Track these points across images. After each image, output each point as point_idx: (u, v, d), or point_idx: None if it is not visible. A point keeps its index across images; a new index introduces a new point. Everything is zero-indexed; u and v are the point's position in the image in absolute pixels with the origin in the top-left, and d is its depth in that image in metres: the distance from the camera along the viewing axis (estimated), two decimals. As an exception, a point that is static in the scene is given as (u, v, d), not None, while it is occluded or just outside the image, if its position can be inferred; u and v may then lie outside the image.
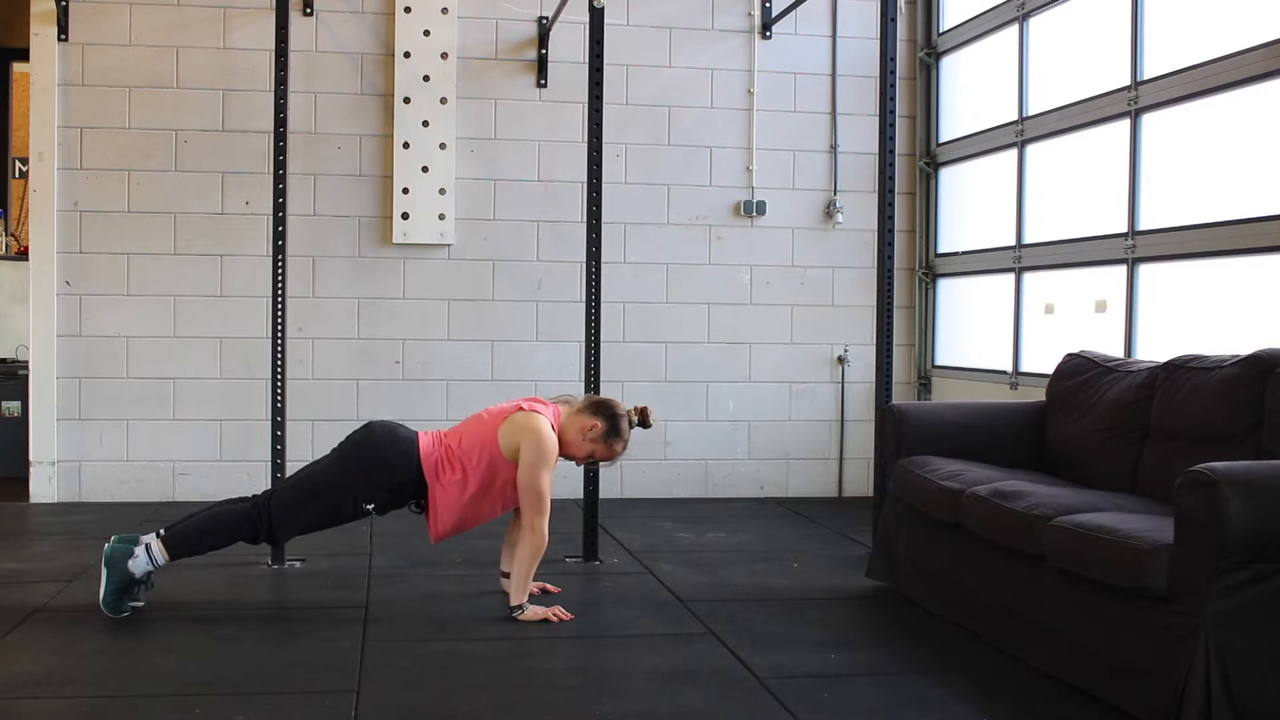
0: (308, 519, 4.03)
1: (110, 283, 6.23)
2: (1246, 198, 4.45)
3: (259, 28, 6.19)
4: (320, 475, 4.03)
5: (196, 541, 3.98)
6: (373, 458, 3.98)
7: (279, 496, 4.02)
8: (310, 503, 4.00)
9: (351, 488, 3.96)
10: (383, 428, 4.07)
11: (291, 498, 4.01)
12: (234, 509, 4.01)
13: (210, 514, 4.04)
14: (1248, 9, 4.48)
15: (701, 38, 6.67)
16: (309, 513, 4.01)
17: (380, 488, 3.97)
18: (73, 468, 6.23)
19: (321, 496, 3.99)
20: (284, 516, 3.97)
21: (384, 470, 3.96)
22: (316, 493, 4.00)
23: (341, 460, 4.02)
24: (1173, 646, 2.93)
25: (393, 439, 4.02)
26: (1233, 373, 3.69)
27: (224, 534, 4.00)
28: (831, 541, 5.46)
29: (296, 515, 4.00)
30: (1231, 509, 2.81)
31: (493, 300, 6.50)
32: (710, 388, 6.71)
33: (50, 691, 3.23)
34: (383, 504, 4.00)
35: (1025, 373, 5.91)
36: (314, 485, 4.02)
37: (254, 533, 3.98)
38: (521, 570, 3.95)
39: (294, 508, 3.99)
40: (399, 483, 3.97)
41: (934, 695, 3.26)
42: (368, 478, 3.96)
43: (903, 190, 6.73)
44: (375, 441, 4.01)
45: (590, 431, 4.05)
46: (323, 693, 3.22)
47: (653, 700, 3.20)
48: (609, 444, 4.08)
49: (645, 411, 4.15)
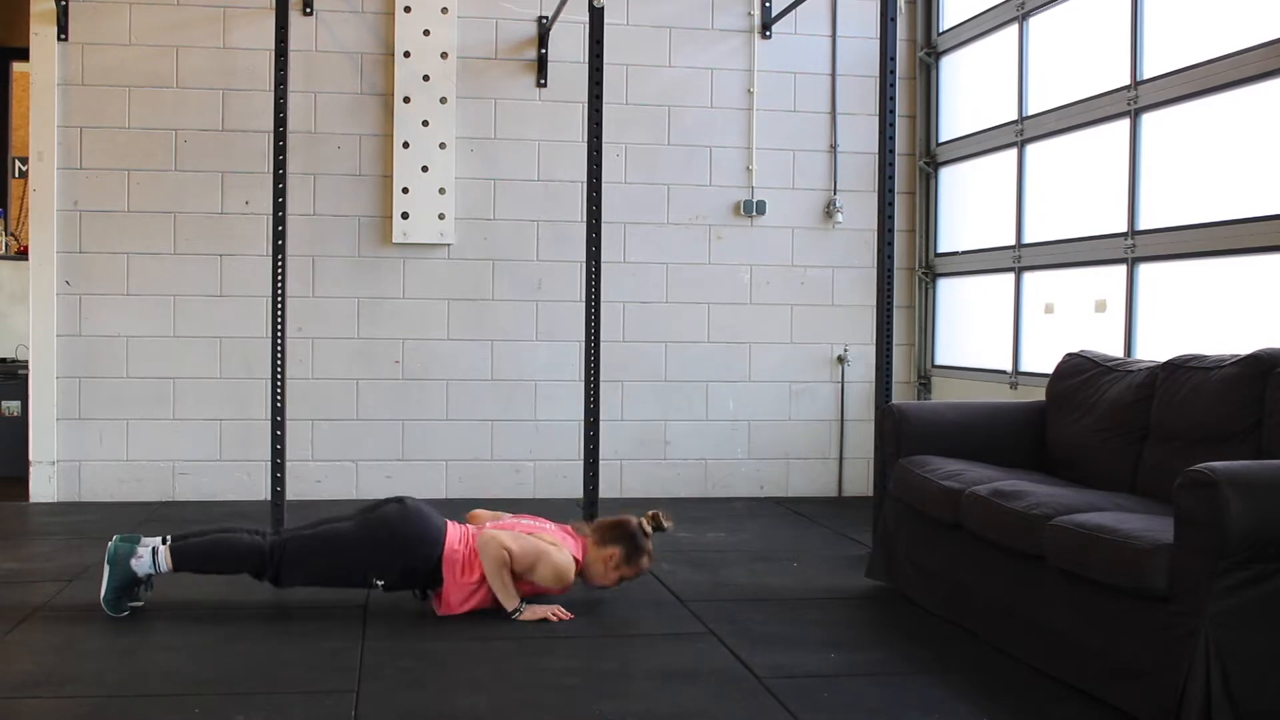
0: (315, 575, 4.02)
1: (110, 282, 6.23)
2: (1246, 197, 4.45)
3: (259, 28, 6.19)
4: (341, 539, 3.99)
5: (203, 561, 3.98)
6: (398, 541, 3.95)
7: (294, 545, 3.98)
8: (323, 562, 3.98)
9: (368, 561, 3.95)
10: (416, 513, 4.02)
11: (306, 550, 3.97)
12: (248, 541, 3.99)
13: (223, 539, 4.02)
14: (1247, 9, 4.48)
15: (701, 37, 6.67)
16: (319, 570, 4.00)
17: (396, 569, 3.96)
18: (73, 467, 6.23)
19: (336, 559, 3.97)
20: (294, 566, 3.96)
21: (406, 555, 3.95)
22: (332, 554, 3.98)
23: (366, 531, 3.98)
24: (1173, 646, 2.93)
25: (424, 528, 3.99)
26: (1233, 373, 3.69)
27: (232, 562, 3.99)
28: (831, 541, 5.46)
29: (306, 570, 3.99)
30: (1231, 509, 2.81)
31: (493, 300, 6.50)
32: (710, 387, 6.71)
33: (50, 691, 3.23)
34: (392, 583, 4.00)
35: (1025, 372, 5.91)
36: (332, 546, 3.98)
37: (260, 570, 3.96)
38: (493, 581, 3.95)
39: (306, 562, 3.97)
40: (414, 568, 3.97)
41: (934, 695, 3.26)
42: (387, 556, 3.95)
43: (902, 190, 6.73)
44: (407, 525, 3.98)
45: (612, 561, 4.08)
46: (323, 693, 3.22)
47: (653, 700, 3.20)
48: (634, 564, 4.10)
49: (658, 517, 4.15)
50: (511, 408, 6.51)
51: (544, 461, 6.52)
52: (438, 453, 6.46)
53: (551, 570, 3.95)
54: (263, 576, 3.97)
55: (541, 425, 6.52)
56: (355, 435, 6.39)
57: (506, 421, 6.51)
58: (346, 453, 6.39)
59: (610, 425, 6.20)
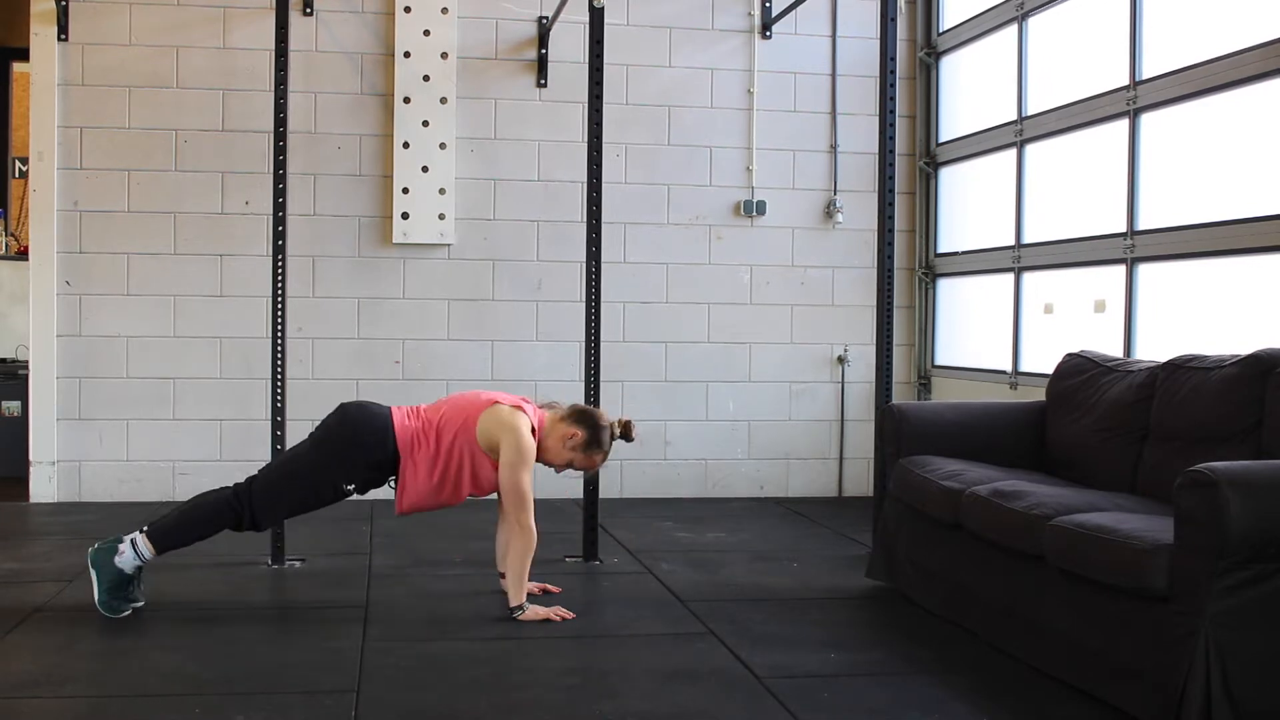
0: (289, 504, 4.04)
1: (110, 282, 6.23)
2: (1245, 197, 4.45)
3: (259, 28, 6.19)
4: (299, 460, 4.03)
5: (182, 533, 3.98)
6: (349, 439, 3.98)
7: (259, 482, 4.01)
8: (291, 487, 4.00)
9: (330, 470, 3.96)
10: (356, 408, 4.08)
11: (272, 483, 4.01)
12: (215, 498, 4.01)
13: (192, 504, 4.05)
14: (1246, 9, 4.48)
15: (701, 38, 6.67)
16: (290, 497, 4.01)
17: (359, 468, 3.97)
18: (73, 468, 6.23)
19: (301, 480, 3.99)
20: (265, 502, 3.97)
21: (361, 451, 3.96)
22: (296, 477, 4.00)
23: (319, 444, 4.01)
24: (1173, 646, 2.93)
25: (367, 418, 4.01)
26: (1233, 373, 3.69)
27: (208, 524, 3.99)
28: (831, 541, 5.46)
29: (278, 500, 4.00)
30: (1231, 509, 2.81)
31: (493, 300, 6.50)
32: (710, 388, 6.71)
33: (50, 691, 3.23)
34: (363, 483, 4.01)
35: (1025, 372, 5.91)
36: (294, 470, 4.03)
37: (237, 520, 3.97)
38: (515, 569, 3.95)
39: (275, 493, 3.99)
40: (377, 460, 3.97)
41: (934, 695, 3.27)
42: (346, 459, 3.96)
43: (903, 190, 6.73)
44: (351, 423, 4.01)
45: (570, 440, 4.05)
46: (323, 693, 3.22)
47: (653, 700, 3.20)
48: (589, 454, 4.07)
49: (628, 425, 4.14)
50: (511, 408, 6.50)
51: (544, 461, 6.51)
52: (438, 453, 6.45)
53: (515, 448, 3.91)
54: (242, 527, 3.98)
55: (541, 425, 6.51)
56: (355, 435, 6.38)
57: (506, 421, 6.49)
58: (346, 453, 6.37)
59: (610, 425, 6.19)
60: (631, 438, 4.15)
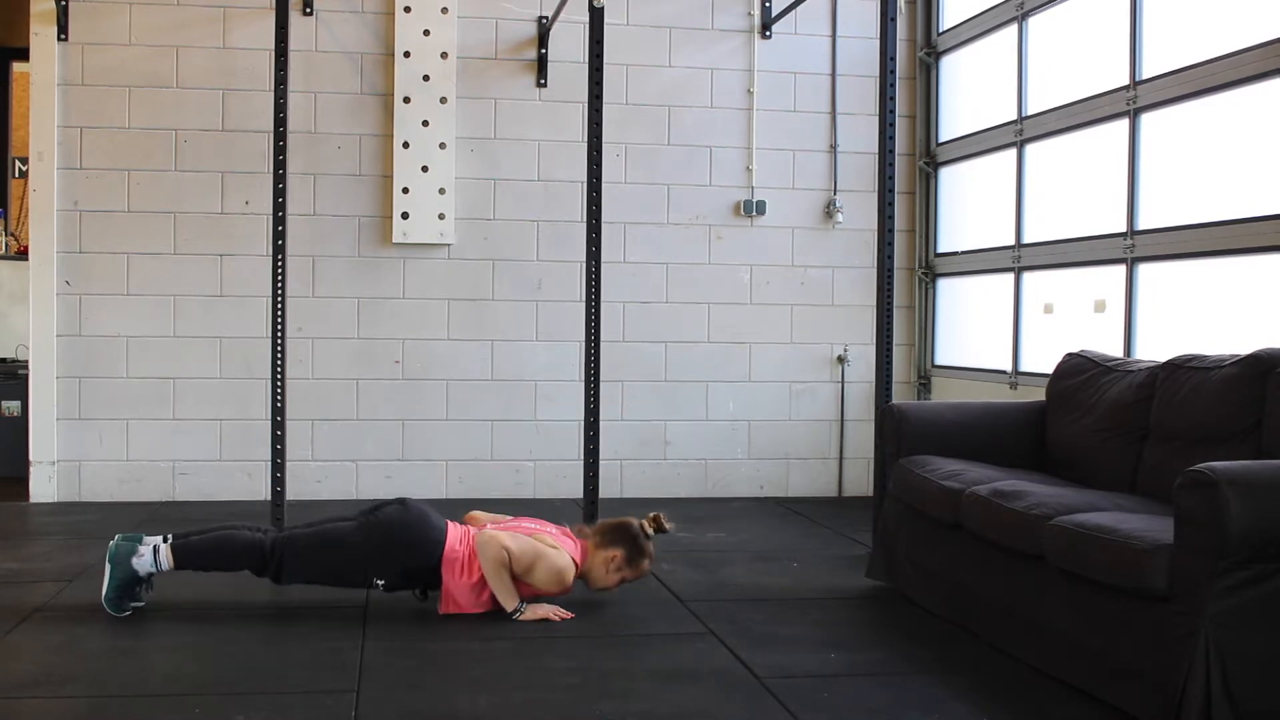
0: (316, 573, 4.02)
1: (110, 282, 6.23)
2: (1245, 197, 4.45)
3: (259, 28, 6.19)
4: (342, 539, 3.99)
5: (204, 559, 3.98)
6: (399, 542, 3.96)
7: (295, 544, 3.98)
8: (324, 561, 3.98)
9: (368, 561, 3.96)
10: (418, 514, 4.03)
11: (307, 550, 3.98)
12: (248, 538, 3.99)
13: (224, 535, 4.02)
14: (1246, 9, 4.48)
15: (701, 38, 6.67)
16: (319, 569, 4.00)
17: (397, 570, 3.97)
18: (73, 467, 6.23)
19: (336, 559, 3.98)
20: (295, 565, 3.96)
21: (406, 556, 3.96)
22: (332, 553, 3.98)
23: (367, 532, 3.98)
24: (1173, 646, 2.93)
25: (424, 529, 3.99)
26: (1233, 373, 3.69)
27: (233, 559, 3.99)
28: (831, 541, 5.46)
29: (307, 568, 3.99)
30: (1231, 509, 2.81)
31: (493, 300, 6.50)
32: (710, 388, 6.71)
33: (50, 691, 3.23)
34: (392, 584, 4.01)
35: (1025, 372, 5.91)
36: (333, 546, 3.99)
37: (261, 567, 3.97)
38: (493, 581, 3.94)
39: (307, 560, 3.97)
40: (416, 569, 3.98)
41: (934, 695, 3.26)
42: (387, 556, 3.95)
43: (902, 190, 6.73)
44: (408, 527, 3.98)
45: (613, 563, 4.07)
46: (323, 693, 3.22)
47: (653, 700, 3.20)
48: (636, 566, 4.10)
49: (659, 519, 4.14)
50: (511, 408, 6.51)
51: (544, 462, 6.52)
52: (438, 453, 6.46)
53: (550, 571, 3.95)
54: (263, 573, 3.98)
55: (541, 425, 6.52)
56: (355, 435, 6.39)
57: (506, 422, 6.51)
58: (346, 453, 6.39)
59: (610, 425, 6.19)
60: (665, 529, 4.16)
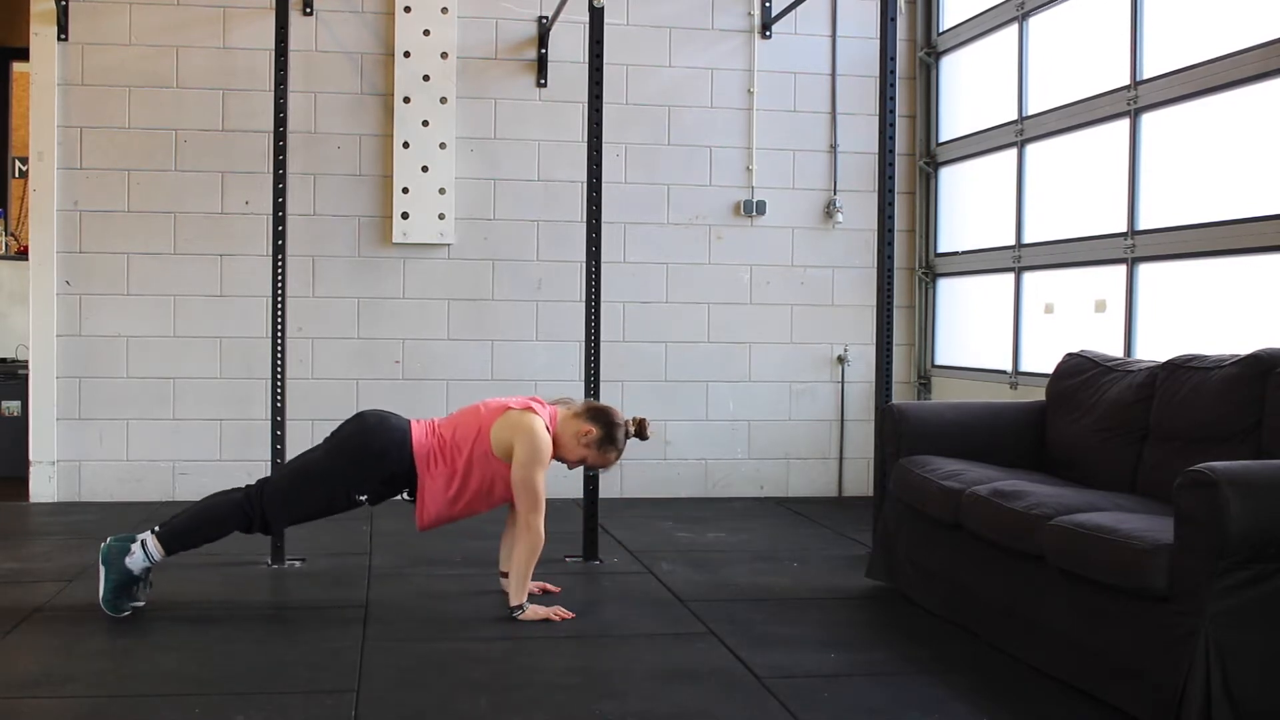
0: (300, 509, 4.02)
1: (110, 282, 6.23)
2: (1245, 197, 4.45)
3: (259, 28, 6.19)
4: (313, 466, 4.01)
5: (191, 535, 3.98)
6: (365, 449, 3.95)
7: (271, 486, 4.00)
8: (303, 493, 3.98)
9: (344, 479, 3.95)
10: (375, 418, 4.04)
11: (284, 488, 3.99)
12: (226, 500, 4.00)
13: (203, 506, 4.03)
14: (1246, 9, 4.48)
15: (701, 38, 6.67)
16: (301, 503, 4.00)
17: (373, 479, 3.95)
18: (73, 467, 6.23)
19: (314, 487, 3.98)
20: (276, 507, 3.96)
21: (376, 461, 3.94)
22: (309, 483, 3.98)
23: (334, 451, 3.99)
24: (1173, 646, 2.93)
25: (386, 429, 3.99)
26: (1232, 373, 3.69)
27: (218, 526, 3.98)
28: (831, 541, 5.46)
29: (289, 506, 3.98)
30: (1231, 509, 2.81)
31: (492, 300, 6.50)
32: (710, 388, 6.71)
33: (50, 691, 3.23)
34: (375, 494, 3.99)
35: (1025, 372, 5.91)
36: (306, 476, 4.00)
37: (247, 523, 3.96)
38: (520, 569, 3.95)
39: (286, 498, 3.97)
40: (391, 473, 3.96)
41: (934, 695, 3.27)
42: (360, 469, 3.94)
43: (902, 190, 6.73)
44: (368, 432, 3.98)
45: (585, 437, 4.04)
46: (323, 693, 3.22)
47: (653, 700, 3.20)
48: (603, 451, 4.07)
49: (643, 423, 4.13)
50: (511, 408, 6.50)
51: (544, 461, 6.51)
52: (438, 453, 6.45)
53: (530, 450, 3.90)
54: (252, 529, 3.98)
55: (541, 425, 6.51)
56: (355, 435, 6.38)
57: (506, 421, 6.49)
58: (346, 453, 6.37)
59: (610, 425, 6.18)
60: (646, 436, 4.14)
